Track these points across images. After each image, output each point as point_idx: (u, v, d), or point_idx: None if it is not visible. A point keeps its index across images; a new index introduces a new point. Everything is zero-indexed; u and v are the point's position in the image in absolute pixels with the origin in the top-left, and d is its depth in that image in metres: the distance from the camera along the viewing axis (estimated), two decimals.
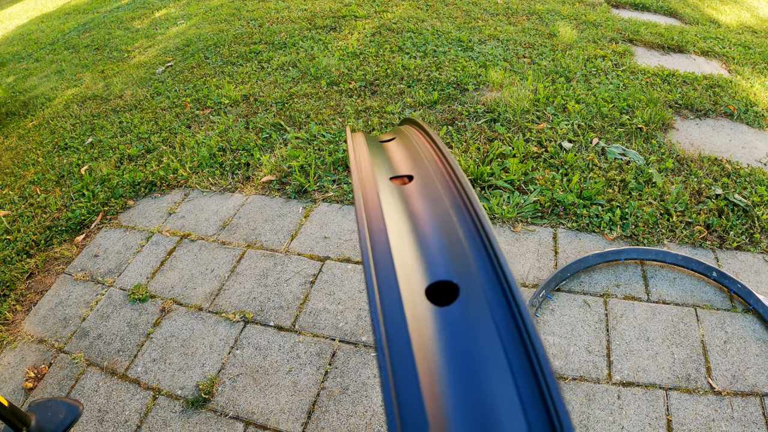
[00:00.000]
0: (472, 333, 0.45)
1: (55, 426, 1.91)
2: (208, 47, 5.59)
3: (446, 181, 0.67)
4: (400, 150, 0.83)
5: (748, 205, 2.72)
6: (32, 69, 6.37)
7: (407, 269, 0.52)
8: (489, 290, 0.49)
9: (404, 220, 0.61)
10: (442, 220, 0.60)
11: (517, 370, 0.42)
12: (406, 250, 0.55)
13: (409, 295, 0.49)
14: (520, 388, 0.40)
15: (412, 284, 0.51)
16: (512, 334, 0.45)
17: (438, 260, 0.54)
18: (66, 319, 2.51)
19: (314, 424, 1.94)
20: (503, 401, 0.40)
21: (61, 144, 4.13)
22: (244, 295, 2.48)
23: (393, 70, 4.39)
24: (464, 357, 0.43)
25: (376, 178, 0.69)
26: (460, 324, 0.46)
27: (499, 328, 0.45)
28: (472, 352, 0.44)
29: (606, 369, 2.04)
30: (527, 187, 2.91)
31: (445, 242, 0.56)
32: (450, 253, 0.55)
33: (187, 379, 2.15)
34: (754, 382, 1.96)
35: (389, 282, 0.50)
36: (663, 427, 1.84)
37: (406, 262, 0.53)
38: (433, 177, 0.69)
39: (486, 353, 0.43)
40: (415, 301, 0.49)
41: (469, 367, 0.42)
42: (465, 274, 0.51)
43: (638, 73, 4.28)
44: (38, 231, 3.11)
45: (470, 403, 0.40)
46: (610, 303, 2.29)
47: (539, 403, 0.39)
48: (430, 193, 0.66)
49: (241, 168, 3.36)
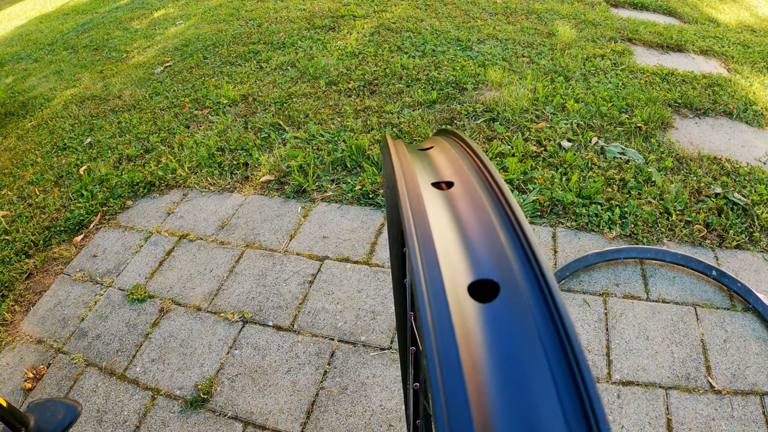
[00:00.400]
0: (512, 330, 0.46)
1: (53, 426, 1.91)
2: (207, 47, 5.58)
3: (487, 188, 0.69)
4: (440, 157, 0.85)
5: (747, 203, 2.71)
6: (31, 69, 6.36)
7: (451, 268, 0.54)
8: (529, 289, 0.50)
9: (447, 222, 0.62)
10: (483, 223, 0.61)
11: (555, 368, 0.43)
12: (450, 249, 0.57)
13: (453, 292, 0.51)
14: (561, 393, 0.41)
15: (457, 282, 0.52)
16: (551, 333, 0.46)
17: (480, 260, 0.55)
18: (65, 320, 2.51)
19: (313, 424, 1.93)
20: (542, 398, 0.40)
21: (60, 144, 4.13)
22: (243, 295, 2.48)
23: (392, 70, 4.38)
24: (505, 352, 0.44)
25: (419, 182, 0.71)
26: (501, 320, 0.47)
27: (538, 327, 0.46)
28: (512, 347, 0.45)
29: (606, 368, 2.04)
30: (526, 186, 2.91)
31: (487, 244, 0.58)
32: (492, 253, 0.56)
33: (185, 379, 2.15)
34: (754, 380, 1.96)
35: (435, 279, 0.52)
36: (663, 426, 1.84)
37: (450, 261, 0.55)
38: (474, 183, 0.71)
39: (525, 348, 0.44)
40: (459, 297, 0.50)
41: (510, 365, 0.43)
42: (506, 274, 0.53)
43: (637, 72, 4.28)
44: (37, 231, 3.10)
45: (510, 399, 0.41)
46: (610, 302, 2.29)
47: (577, 404, 0.40)
48: (472, 198, 0.67)
49: (240, 168, 3.36)
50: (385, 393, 2.00)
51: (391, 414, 1.94)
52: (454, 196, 0.69)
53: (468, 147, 0.83)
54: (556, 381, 0.41)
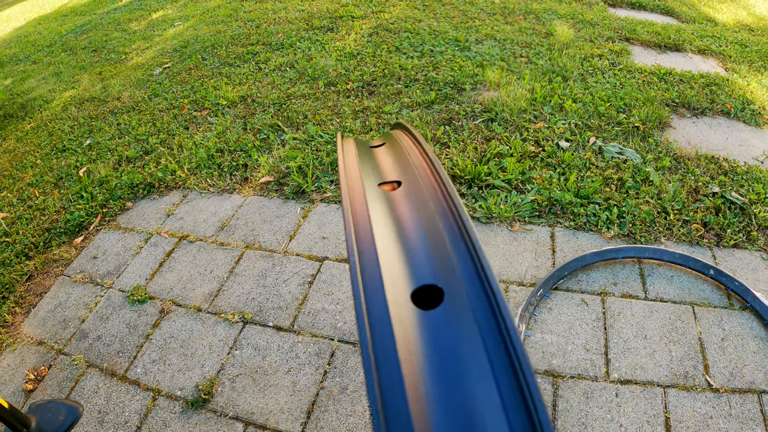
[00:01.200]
0: (456, 337, 0.46)
1: (55, 428, 1.91)
2: (206, 48, 5.58)
3: (433, 188, 0.68)
4: (389, 155, 0.84)
5: (745, 203, 2.72)
6: (30, 71, 6.36)
7: (393, 274, 0.53)
8: (473, 294, 0.50)
9: (391, 226, 0.62)
10: (427, 225, 0.61)
11: (499, 373, 0.43)
12: (392, 255, 0.56)
13: (395, 300, 0.50)
14: (503, 392, 0.41)
15: (398, 289, 0.52)
16: (495, 338, 0.45)
17: (423, 265, 0.55)
18: (65, 321, 2.51)
19: (313, 423, 1.94)
20: (486, 404, 0.40)
21: (59, 146, 4.13)
22: (243, 295, 2.48)
23: (390, 71, 4.39)
24: (448, 360, 0.44)
25: (365, 185, 0.70)
26: (445, 328, 0.47)
27: (482, 332, 0.46)
28: (456, 355, 0.44)
29: (604, 367, 2.04)
30: (524, 186, 2.92)
31: (430, 247, 0.57)
32: (435, 257, 0.56)
33: (186, 379, 2.15)
34: (752, 379, 1.97)
35: (375, 286, 0.51)
36: (661, 424, 1.85)
37: (392, 267, 0.54)
38: (420, 183, 0.70)
39: (470, 357, 0.44)
40: (401, 305, 0.50)
41: (453, 371, 0.43)
42: (450, 279, 0.52)
43: (635, 71, 4.29)
44: (37, 233, 3.11)
45: (454, 406, 0.40)
46: (608, 301, 2.30)
47: (521, 406, 0.40)
48: (417, 199, 0.67)
49: (239, 169, 3.36)
50: None
51: None
52: (400, 198, 0.69)
53: (418, 143, 0.82)
54: (500, 389, 0.42)
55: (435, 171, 0.71)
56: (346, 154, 0.82)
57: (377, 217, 0.62)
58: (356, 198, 0.67)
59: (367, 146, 0.91)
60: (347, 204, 0.64)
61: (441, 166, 0.69)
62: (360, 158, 0.81)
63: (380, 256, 0.55)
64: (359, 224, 0.60)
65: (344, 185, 0.69)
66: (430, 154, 0.75)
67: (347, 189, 0.69)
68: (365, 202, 0.65)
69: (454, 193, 0.63)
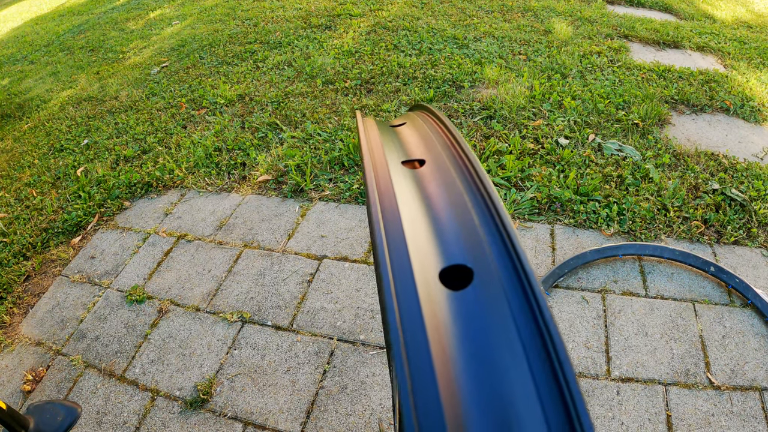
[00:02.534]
0: (487, 318, 0.45)
1: (53, 429, 1.90)
2: (203, 47, 5.57)
3: (459, 166, 0.66)
4: (412, 134, 0.82)
5: (745, 199, 2.72)
6: (27, 71, 6.34)
7: (421, 253, 0.52)
8: (504, 275, 0.48)
9: (417, 204, 0.60)
10: (455, 204, 0.59)
11: (532, 357, 0.41)
12: (419, 233, 0.54)
13: (423, 279, 0.48)
14: (536, 377, 0.40)
15: (426, 268, 0.50)
16: (527, 319, 0.44)
17: (452, 244, 0.53)
18: (63, 321, 2.50)
19: (313, 423, 1.93)
20: (519, 390, 0.39)
21: (57, 146, 4.12)
22: (242, 295, 2.47)
23: (388, 68, 4.38)
24: (479, 343, 0.43)
25: (388, 161, 0.69)
26: (475, 309, 0.46)
27: (514, 314, 0.45)
28: (488, 338, 0.43)
29: (605, 365, 2.04)
30: (524, 183, 2.91)
31: (459, 226, 0.55)
32: (464, 236, 0.54)
33: (185, 379, 2.15)
34: (753, 376, 1.97)
35: (403, 265, 0.49)
36: (662, 422, 1.84)
37: (419, 246, 0.52)
38: (445, 161, 0.68)
39: (501, 339, 0.43)
40: (429, 284, 0.48)
41: (484, 354, 0.42)
42: (479, 258, 0.51)
43: (634, 68, 4.28)
44: (34, 233, 3.10)
45: (486, 392, 0.39)
46: (608, 299, 2.29)
47: (555, 392, 0.39)
48: (444, 177, 0.65)
49: (237, 168, 3.35)
50: (384, 392, 2.00)
51: (391, 413, 1.94)
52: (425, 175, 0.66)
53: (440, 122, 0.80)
54: (534, 375, 0.40)
55: (461, 149, 0.69)
56: (368, 130, 0.80)
57: (403, 194, 0.61)
58: (380, 173, 0.65)
59: (387, 125, 0.90)
60: (371, 178, 0.62)
61: (467, 144, 0.67)
62: (382, 136, 0.79)
63: (407, 233, 0.53)
64: (384, 200, 0.58)
65: (367, 160, 0.67)
66: (455, 132, 0.73)
67: (371, 164, 0.67)
68: (390, 178, 0.63)
69: (482, 170, 0.61)
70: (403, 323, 0.44)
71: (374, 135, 0.78)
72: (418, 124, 0.85)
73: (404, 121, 0.90)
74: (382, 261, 0.49)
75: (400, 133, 0.84)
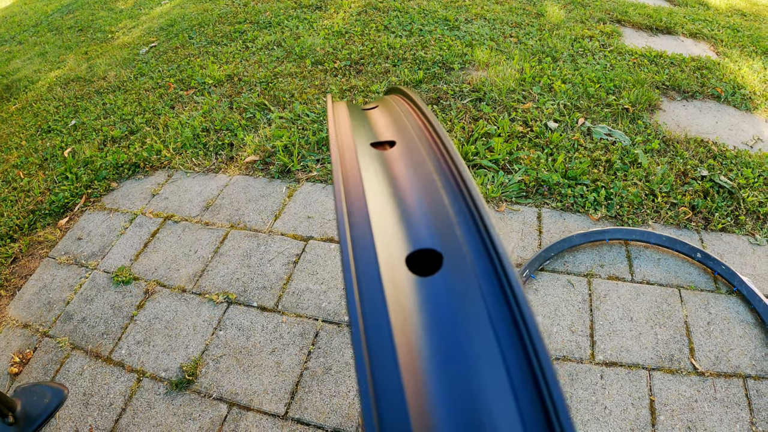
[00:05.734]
0: (457, 305, 0.43)
1: (40, 410, 1.90)
2: (192, 27, 5.52)
3: (430, 146, 0.64)
4: (383, 117, 0.80)
5: (733, 187, 2.72)
6: (15, 52, 6.27)
7: (386, 236, 0.49)
8: (476, 259, 0.46)
9: (385, 186, 0.58)
10: (425, 185, 0.57)
11: (507, 350, 0.39)
12: (386, 216, 0.52)
13: (389, 264, 0.46)
14: (511, 372, 0.38)
15: (392, 252, 0.48)
16: (501, 306, 0.42)
17: (420, 227, 0.51)
18: (50, 303, 2.49)
19: (297, 404, 1.94)
20: (492, 386, 0.37)
21: (44, 127, 4.08)
22: (228, 275, 2.47)
23: (378, 50, 4.35)
24: (448, 332, 0.40)
25: (356, 143, 0.67)
26: (444, 295, 0.43)
27: (486, 300, 0.43)
28: (457, 326, 0.41)
29: (589, 349, 2.05)
30: (512, 166, 2.91)
31: (428, 208, 0.53)
32: (433, 219, 0.52)
33: (171, 361, 2.14)
34: (737, 363, 1.98)
35: (366, 249, 0.47)
36: (646, 407, 1.85)
37: (385, 229, 0.50)
38: (416, 142, 0.66)
39: (472, 328, 0.41)
40: (395, 270, 0.46)
41: (453, 344, 0.40)
42: (449, 242, 0.48)
43: (625, 53, 4.26)
44: (21, 215, 3.08)
45: (454, 384, 0.37)
46: (594, 283, 2.30)
47: (530, 383, 0.37)
48: (413, 158, 0.63)
49: (225, 148, 3.33)
50: None
51: None
52: (395, 157, 0.64)
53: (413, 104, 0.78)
54: (509, 370, 0.38)
55: (433, 129, 0.66)
56: (336, 114, 0.78)
57: (369, 176, 0.58)
58: (347, 155, 0.62)
59: (359, 109, 0.88)
60: (336, 160, 0.59)
61: (439, 125, 0.65)
62: (352, 119, 0.77)
63: (372, 216, 0.51)
64: (349, 182, 0.56)
65: (333, 142, 0.65)
66: (427, 113, 0.70)
67: (337, 145, 0.65)
68: (356, 160, 0.61)
69: (454, 150, 0.58)
70: (364, 310, 0.42)
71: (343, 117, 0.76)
72: (391, 106, 0.83)
73: (377, 105, 0.88)
74: (344, 244, 0.47)
75: (371, 116, 0.82)
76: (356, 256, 0.47)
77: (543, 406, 0.36)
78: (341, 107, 0.82)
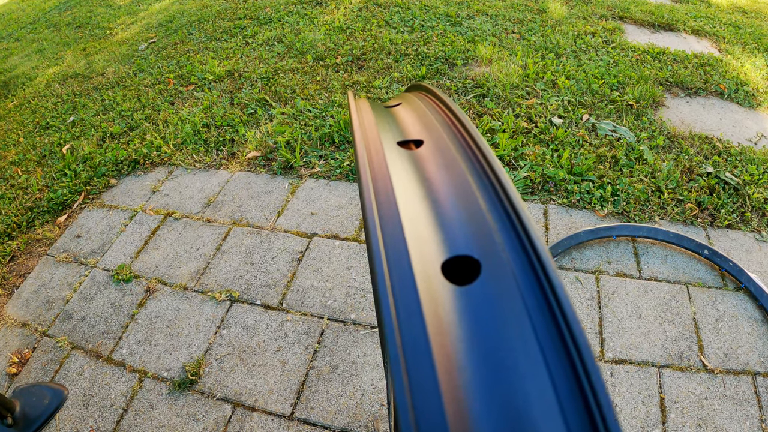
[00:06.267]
0: (497, 317, 0.40)
1: (40, 412, 1.88)
2: (192, 23, 5.50)
3: (461, 145, 0.61)
4: (408, 114, 0.76)
5: (739, 183, 2.70)
6: (13, 48, 6.24)
7: (420, 242, 0.46)
8: (516, 266, 0.43)
9: (415, 187, 0.54)
10: (459, 186, 0.53)
11: (552, 362, 0.36)
12: (418, 220, 0.49)
13: (423, 273, 0.43)
14: (557, 385, 0.35)
15: (427, 259, 0.45)
16: (545, 317, 0.39)
17: (456, 232, 0.48)
18: (49, 302, 2.46)
19: (303, 404, 1.91)
20: (536, 399, 0.34)
21: (43, 123, 4.06)
22: (230, 273, 2.44)
23: (380, 45, 4.33)
24: (489, 347, 0.38)
25: (383, 142, 0.63)
26: (484, 306, 0.40)
27: (529, 311, 0.40)
28: (499, 339, 0.38)
29: (598, 346, 2.02)
30: (517, 162, 2.88)
31: (463, 211, 0.50)
32: (469, 223, 0.49)
33: (173, 360, 2.11)
34: (746, 360, 1.96)
35: (399, 256, 0.44)
36: (656, 404, 1.83)
37: (418, 234, 0.47)
38: (446, 140, 0.63)
39: (515, 340, 0.38)
40: (431, 279, 0.43)
41: (495, 358, 0.37)
42: (488, 248, 0.45)
43: (628, 50, 4.25)
44: (20, 212, 3.05)
45: (497, 402, 0.35)
46: (602, 280, 2.27)
47: (579, 400, 0.34)
48: (444, 157, 0.59)
49: (226, 144, 3.30)
50: (376, 372, 1.98)
51: (382, 393, 1.92)
52: (424, 156, 0.60)
53: (439, 101, 0.74)
54: (555, 383, 0.35)
55: (463, 127, 0.63)
56: (360, 109, 0.75)
57: (398, 177, 0.55)
58: (374, 154, 0.59)
59: (382, 106, 0.84)
60: (364, 160, 0.56)
61: (470, 122, 0.61)
62: (376, 116, 0.74)
63: (404, 220, 0.48)
64: (378, 183, 0.53)
65: (359, 139, 0.62)
66: (456, 110, 0.67)
67: (363, 143, 0.61)
68: (384, 159, 0.58)
69: (488, 149, 0.55)
70: (401, 325, 0.39)
71: (367, 114, 0.73)
72: (415, 103, 0.80)
73: (400, 102, 0.85)
74: (376, 253, 0.44)
75: (395, 113, 0.78)
76: (390, 264, 0.44)
77: (593, 424, 0.33)
78: (364, 104, 0.79)
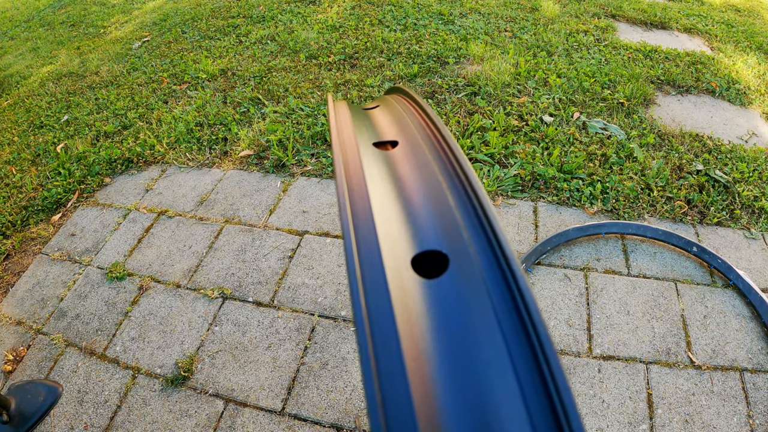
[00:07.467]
0: (463, 308, 0.42)
1: (35, 409, 1.90)
2: (186, 21, 5.49)
3: (434, 146, 0.63)
4: (385, 116, 0.78)
5: (729, 181, 2.72)
6: (7, 47, 6.22)
7: (391, 238, 0.49)
8: (483, 261, 0.45)
9: (388, 186, 0.57)
10: (429, 185, 0.56)
11: (515, 350, 0.38)
12: (390, 217, 0.51)
13: (394, 266, 0.45)
14: (520, 375, 0.37)
15: (398, 254, 0.47)
16: (509, 311, 0.41)
17: (426, 228, 0.50)
18: (44, 300, 2.47)
19: (294, 400, 1.93)
20: (501, 390, 0.36)
21: (37, 122, 4.05)
22: (223, 271, 2.45)
23: (373, 44, 4.34)
24: (455, 335, 0.40)
25: (358, 143, 0.66)
26: (451, 298, 0.43)
27: (494, 304, 0.42)
28: (465, 329, 0.40)
29: (586, 343, 2.04)
30: (507, 160, 2.90)
31: (433, 209, 0.52)
32: (439, 220, 0.51)
33: (166, 357, 2.13)
34: (734, 356, 1.98)
35: (371, 251, 0.46)
36: (643, 400, 1.85)
37: (390, 230, 0.49)
38: (420, 142, 0.65)
39: (480, 333, 0.40)
40: (401, 272, 0.45)
41: (460, 347, 0.39)
42: (456, 243, 0.48)
43: (620, 48, 4.27)
44: (14, 211, 3.05)
45: (464, 393, 0.36)
46: (591, 277, 2.29)
47: (540, 387, 0.36)
48: (417, 158, 0.62)
49: (219, 143, 3.32)
50: None
51: None
52: (398, 157, 0.63)
53: (416, 104, 0.77)
54: (518, 373, 0.37)
55: (436, 129, 0.65)
56: (338, 113, 0.77)
57: (372, 176, 0.57)
58: (349, 155, 0.61)
59: (360, 108, 0.87)
60: (339, 159, 0.58)
61: (442, 124, 0.64)
62: (353, 118, 0.76)
63: (376, 217, 0.50)
64: (353, 182, 0.55)
65: (335, 140, 0.64)
66: (430, 112, 0.69)
67: (339, 144, 0.63)
68: (359, 159, 0.60)
69: (458, 150, 0.57)
70: (371, 314, 0.41)
71: (344, 116, 0.75)
72: (392, 106, 0.82)
73: (378, 104, 0.87)
74: (348, 248, 0.46)
75: (373, 116, 0.81)
76: (361, 258, 0.46)
77: (554, 413, 0.35)
78: (342, 107, 0.81)
